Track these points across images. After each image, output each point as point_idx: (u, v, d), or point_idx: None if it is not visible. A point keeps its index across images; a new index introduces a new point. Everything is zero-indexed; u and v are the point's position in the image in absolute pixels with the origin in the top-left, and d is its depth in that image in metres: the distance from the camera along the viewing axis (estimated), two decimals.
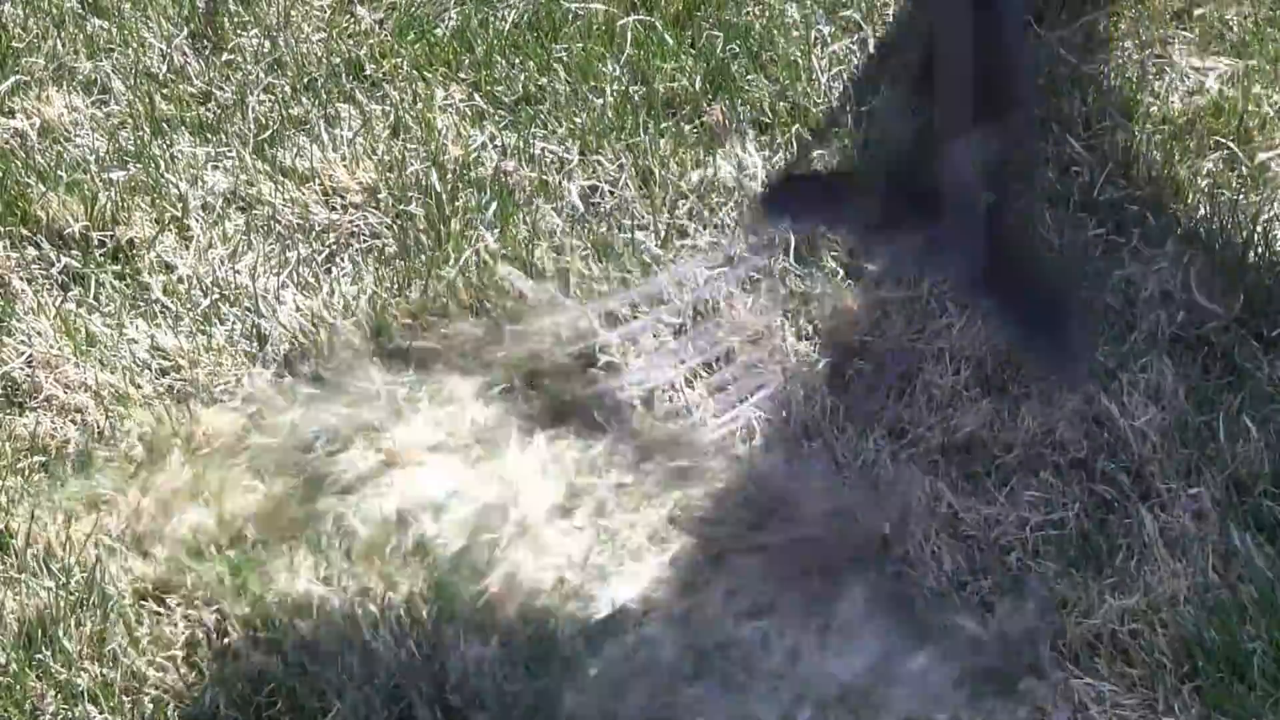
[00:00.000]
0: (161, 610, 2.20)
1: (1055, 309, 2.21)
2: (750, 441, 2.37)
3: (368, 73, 3.00)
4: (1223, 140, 2.75)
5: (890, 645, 2.12)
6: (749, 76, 2.91)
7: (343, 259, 2.67)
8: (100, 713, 2.10)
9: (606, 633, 2.14)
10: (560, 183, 2.75)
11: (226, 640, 2.16)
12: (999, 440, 2.34)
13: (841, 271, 2.57)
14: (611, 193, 2.73)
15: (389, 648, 2.12)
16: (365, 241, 2.70)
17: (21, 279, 2.65)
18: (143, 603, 2.20)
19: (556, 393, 2.43)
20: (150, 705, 2.10)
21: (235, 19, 3.10)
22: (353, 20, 3.11)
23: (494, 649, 2.12)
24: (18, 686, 2.11)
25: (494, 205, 2.70)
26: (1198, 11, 2.99)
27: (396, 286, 2.58)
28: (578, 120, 2.85)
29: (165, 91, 2.98)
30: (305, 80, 2.98)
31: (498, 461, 2.35)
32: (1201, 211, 2.63)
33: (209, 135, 2.89)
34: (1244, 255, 2.55)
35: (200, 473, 2.34)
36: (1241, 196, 2.65)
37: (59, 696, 2.11)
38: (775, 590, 2.17)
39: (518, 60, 2.98)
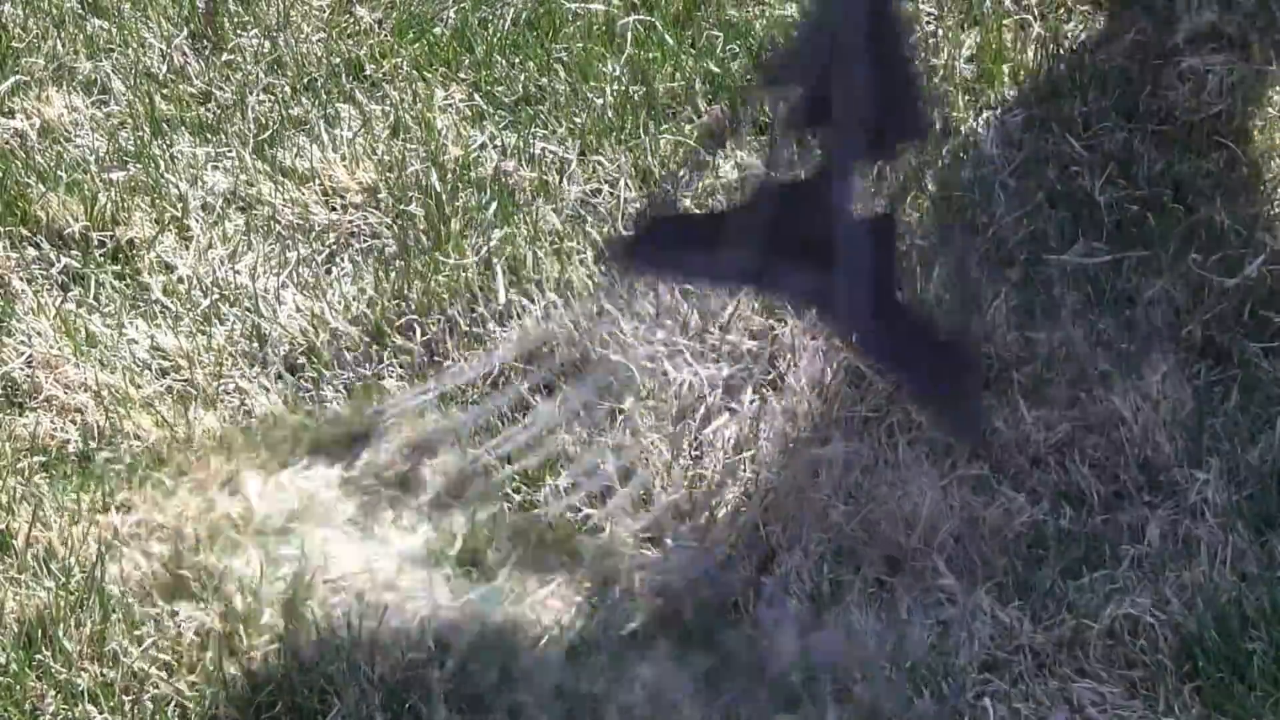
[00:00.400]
0: (162, 610, 2.20)
1: (946, 363, 2.05)
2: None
3: (368, 73, 3.00)
4: (1223, 140, 2.74)
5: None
6: (749, 77, 2.91)
7: (343, 259, 2.67)
8: (100, 713, 2.10)
9: None
10: (560, 183, 2.75)
11: (227, 640, 2.16)
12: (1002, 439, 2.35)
13: None
14: (611, 193, 2.73)
15: (389, 647, 2.12)
16: (365, 241, 2.70)
17: (21, 279, 2.65)
18: (143, 602, 2.20)
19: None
20: (150, 705, 2.10)
21: (235, 19, 3.10)
22: (352, 20, 3.11)
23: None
24: (18, 686, 2.11)
25: (494, 205, 2.70)
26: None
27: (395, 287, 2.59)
28: (578, 120, 2.85)
29: (165, 91, 2.98)
30: (305, 80, 2.98)
31: None
32: (1202, 211, 2.63)
33: (209, 135, 2.89)
34: (1244, 255, 2.55)
35: (199, 472, 2.34)
36: (1242, 196, 2.65)
37: (59, 696, 2.11)
38: None
39: (518, 60, 2.98)
